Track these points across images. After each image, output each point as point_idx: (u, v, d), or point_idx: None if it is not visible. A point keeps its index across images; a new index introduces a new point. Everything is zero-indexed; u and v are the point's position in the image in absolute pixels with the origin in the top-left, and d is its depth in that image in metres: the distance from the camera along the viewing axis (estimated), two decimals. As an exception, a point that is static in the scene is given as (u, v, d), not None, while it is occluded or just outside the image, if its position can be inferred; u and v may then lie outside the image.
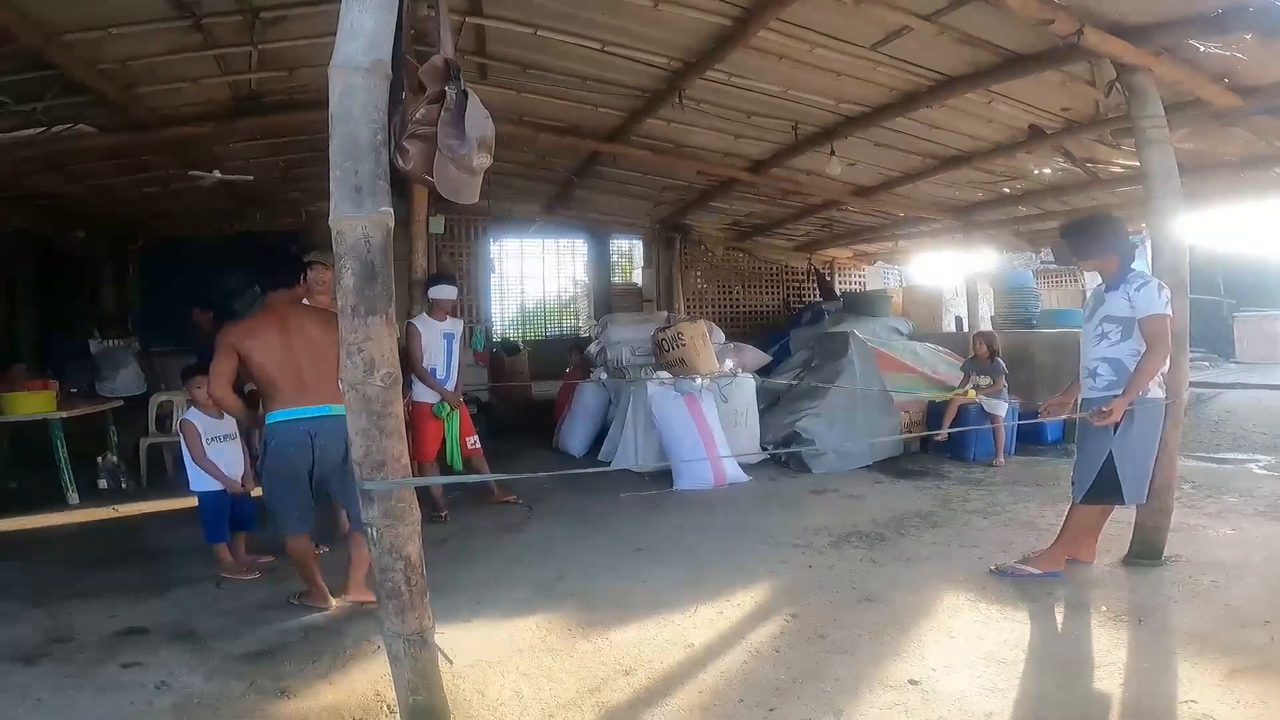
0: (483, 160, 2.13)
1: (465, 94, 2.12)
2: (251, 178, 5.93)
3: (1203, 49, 3.71)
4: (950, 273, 10.22)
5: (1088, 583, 3.33)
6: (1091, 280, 8.14)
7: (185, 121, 5.20)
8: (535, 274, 12.00)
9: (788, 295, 11.51)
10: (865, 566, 3.72)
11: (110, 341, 7.02)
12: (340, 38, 1.82)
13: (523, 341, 9.97)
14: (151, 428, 6.17)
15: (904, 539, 4.16)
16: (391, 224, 1.87)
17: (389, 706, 2.42)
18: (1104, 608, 3.04)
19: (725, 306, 11.11)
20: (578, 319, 12.78)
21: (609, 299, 11.04)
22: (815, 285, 11.26)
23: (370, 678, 2.64)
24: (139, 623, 3.18)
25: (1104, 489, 3.24)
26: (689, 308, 10.37)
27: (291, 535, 3.22)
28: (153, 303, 8.14)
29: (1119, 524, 3.64)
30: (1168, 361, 3.27)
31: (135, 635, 3.07)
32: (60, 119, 4.73)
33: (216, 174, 5.66)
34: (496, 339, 9.96)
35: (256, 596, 3.51)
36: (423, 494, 5.15)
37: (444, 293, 5.00)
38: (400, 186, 5.21)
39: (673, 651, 2.83)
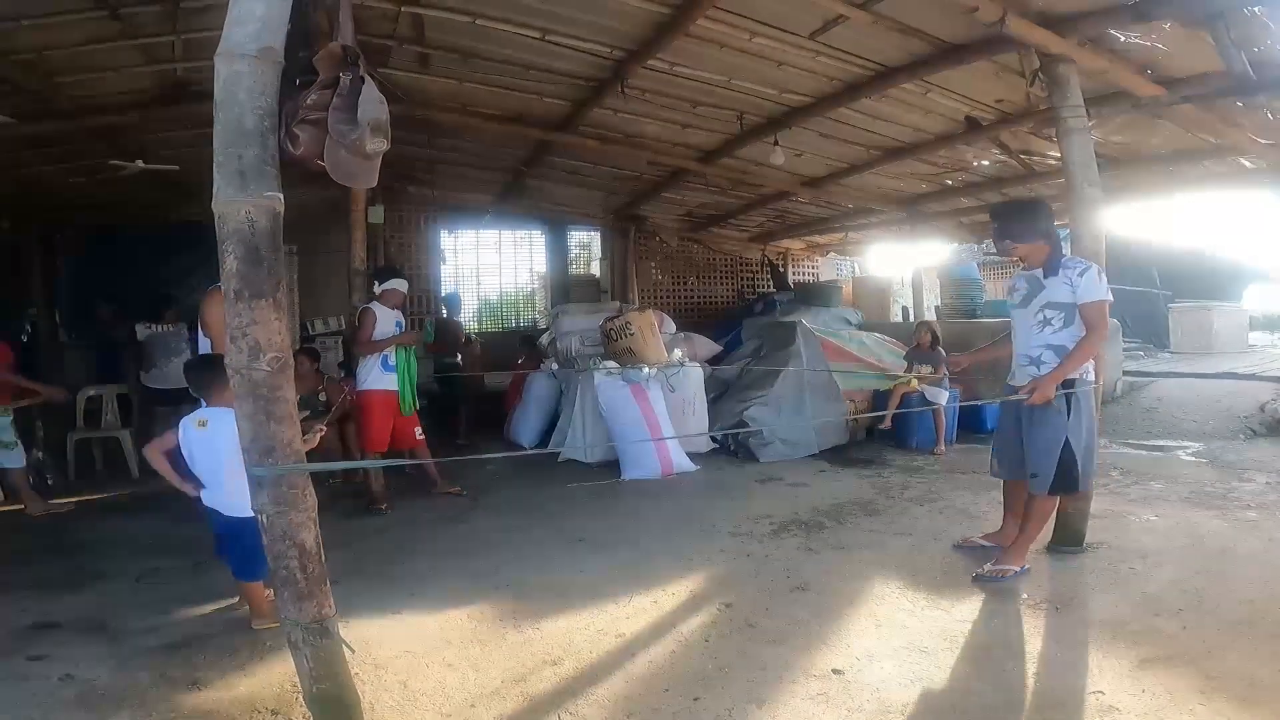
0: (377, 145, 2.10)
1: (362, 80, 2.09)
2: (177, 168, 5.71)
3: (1124, 39, 3.79)
4: (901, 264, 10.38)
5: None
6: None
7: (109, 111, 5.05)
8: (491, 265, 11.87)
9: (742, 286, 11.58)
10: (802, 555, 3.75)
11: (160, 326, 6.46)
12: (229, 23, 1.79)
13: (474, 333, 9.83)
14: (80, 422, 5.95)
15: (842, 527, 4.21)
16: (279, 209, 1.82)
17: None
18: (1025, 595, 3.10)
19: (680, 297, 11.13)
20: (535, 310, 12.69)
21: (567, 290, 10.98)
22: (769, 276, 11.34)
23: (289, 669, 2.53)
24: (51, 617, 3.10)
25: (1065, 478, 3.23)
26: (644, 298, 10.36)
27: None
28: (82, 293, 7.82)
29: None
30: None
31: (46, 629, 3.00)
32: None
33: (139, 164, 5.46)
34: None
35: (179, 590, 3.41)
36: (360, 483, 5.14)
37: (396, 285, 5.03)
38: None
39: (603, 641, 2.83)
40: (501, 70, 5.04)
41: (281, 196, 1.83)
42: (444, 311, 8.44)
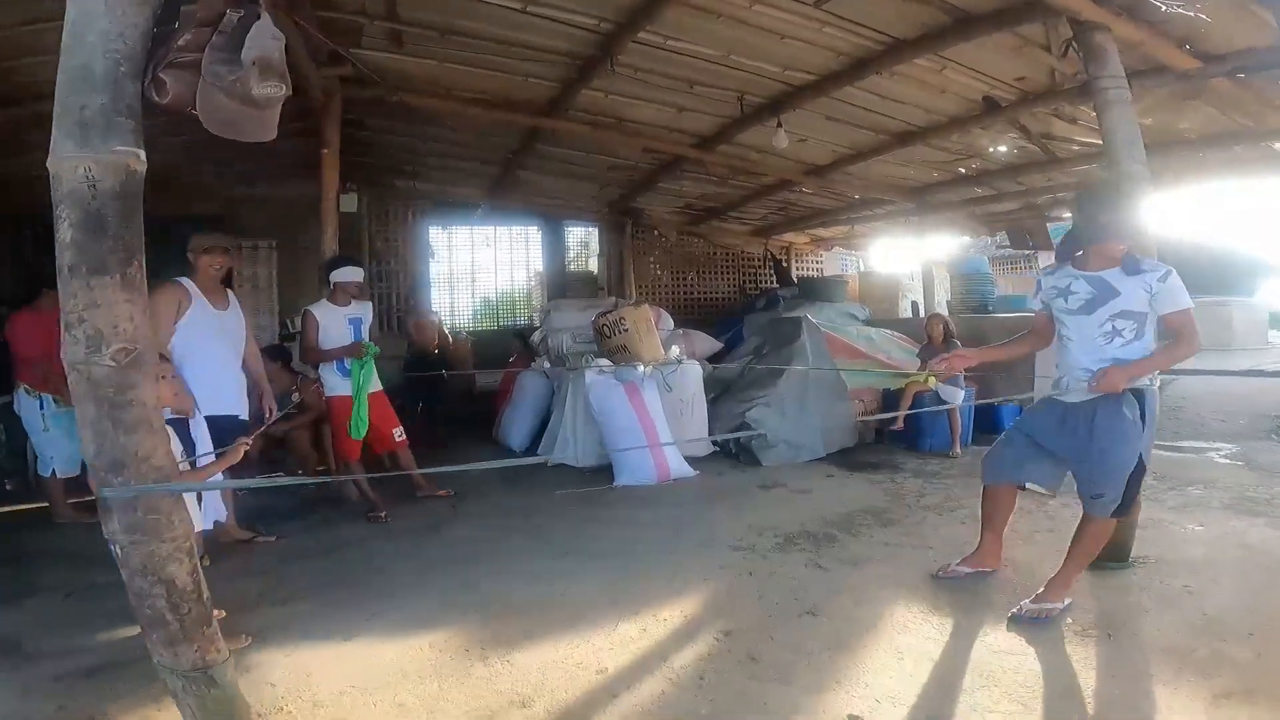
0: (268, 88, 1.76)
1: (257, 15, 1.73)
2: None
3: (1164, 8, 3.42)
4: (909, 259, 10.00)
5: (1049, 589, 3.02)
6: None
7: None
8: (484, 261, 11.49)
9: (744, 281, 11.18)
10: (810, 572, 3.39)
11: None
12: None
13: (466, 331, 9.47)
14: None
15: (854, 539, 3.85)
16: (136, 167, 1.48)
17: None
18: (1069, 620, 2.74)
19: (680, 293, 10.76)
20: (531, 308, 12.32)
21: (564, 288, 10.60)
22: (772, 271, 10.96)
23: None
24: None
25: (1132, 495, 2.81)
26: (641, 294, 9.99)
27: None
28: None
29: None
30: None
31: (-44, 650, 2.69)
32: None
33: None
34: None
35: (109, 608, 3.05)
36: (337, 490, 4.81)
37: (347, 275, 4.60)
38: (286, 167, 4.89)
39: (581, 677, 2.49)
40: (482, 48, 4.68)
41: (140, 153, 1.50)
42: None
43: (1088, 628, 2.67)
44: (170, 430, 2.75)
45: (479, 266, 11.54)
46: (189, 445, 3.05)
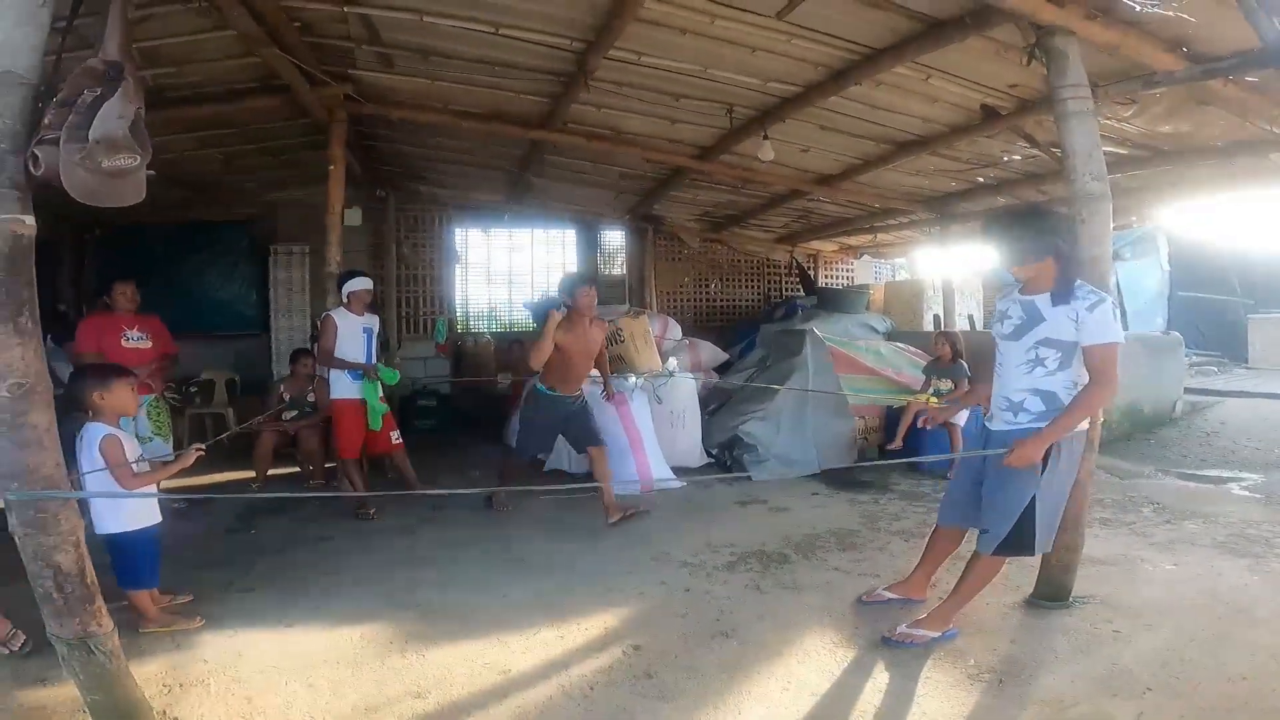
0: (119, 161, 2.06)
1: (112, 92, 2.00)
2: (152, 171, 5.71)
3: (1139, 9, 3.24)
4: (944, 268, 9.62)
5: (974, 626, 2.92)
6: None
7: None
8: (511, 264, 11.71)
9: (768, 289, 11.04)
10: (746, 594, 3.38)
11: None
12: None
13: (489, 334, 9.71)
14: None
15: (806, 562, 3.80)
16: (21, 231, 1.84)
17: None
18: (972, 661, 2.65)
19: (703, 300, 10.72)
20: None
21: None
22: (797, 279, 10.79)
23: (146, 673, 2.58)
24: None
25: (1019, 539, 2.68)
26: (663, 300, 10.02)
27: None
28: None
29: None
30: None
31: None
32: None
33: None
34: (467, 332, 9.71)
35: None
36: (339, 485, 5.06)
37: (359, 285, 4.86)
38: (317, 176, 5.21)
39: (483, 677, 2.63)
40: (467, 68, 4.82)
41: (26, 219, 1.85)
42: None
43: (984, 671, 2.57)
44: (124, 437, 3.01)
45: (515, 269, 11.77)
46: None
